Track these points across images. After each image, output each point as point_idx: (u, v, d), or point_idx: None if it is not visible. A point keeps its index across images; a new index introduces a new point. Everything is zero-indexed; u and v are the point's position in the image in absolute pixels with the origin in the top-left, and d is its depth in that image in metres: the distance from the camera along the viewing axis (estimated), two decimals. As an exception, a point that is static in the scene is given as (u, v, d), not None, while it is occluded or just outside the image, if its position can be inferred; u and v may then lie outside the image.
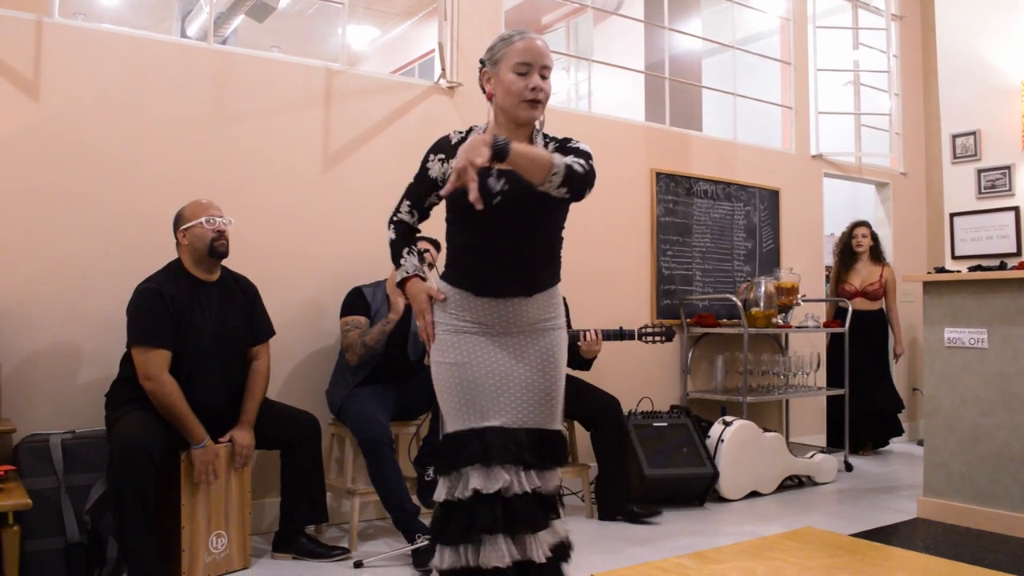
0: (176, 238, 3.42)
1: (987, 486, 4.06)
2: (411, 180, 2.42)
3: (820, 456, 5.25)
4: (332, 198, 4.24)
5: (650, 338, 4.26)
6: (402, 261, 2.39)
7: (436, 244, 4.02)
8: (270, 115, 4.09)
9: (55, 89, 3.58)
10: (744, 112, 6.13)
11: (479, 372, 2.26)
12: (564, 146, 2.34)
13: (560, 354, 2.41)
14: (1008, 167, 4.48)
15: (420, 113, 4.54)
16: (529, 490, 2.18)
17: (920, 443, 6.56)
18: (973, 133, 4.60)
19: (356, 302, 3.92)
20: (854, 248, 6.34)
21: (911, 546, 3.79)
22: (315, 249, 4.18)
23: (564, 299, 4.59)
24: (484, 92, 2.35)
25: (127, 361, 3.28)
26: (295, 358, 4.09)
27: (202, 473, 3.22)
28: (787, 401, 5.98)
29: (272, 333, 3.65)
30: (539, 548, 2.18)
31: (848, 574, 3.35)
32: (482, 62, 2.34)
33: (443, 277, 2.37)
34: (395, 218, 2.44)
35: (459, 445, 2.20)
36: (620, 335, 4.25)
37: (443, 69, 4.65)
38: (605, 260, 5.12)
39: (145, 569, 2.99)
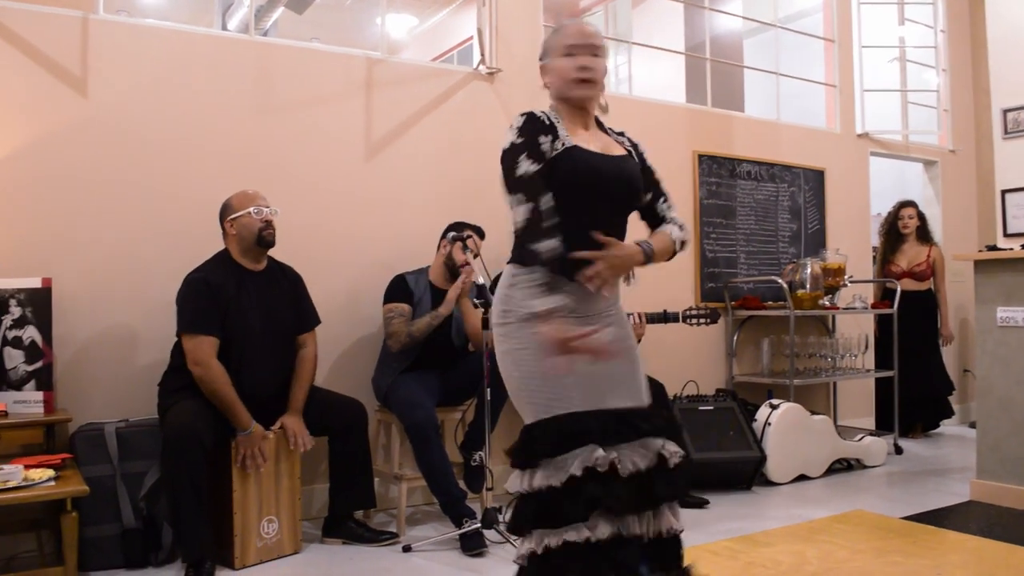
0: (223, 228, 3.47)
1: (1043, 468, 3.98)
2: (513, 141, 2.16)
3: (869, 439, 5.18)
4: (375, 186, 4.27)
5: (695, 320, 4.24)
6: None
7: (480, 231, 4.02)
8: (312, 105, 4.12)
9: (102, 84, 3.64)
10: (787, 91, 6.04)
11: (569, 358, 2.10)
12: (643, 162, 2.44)
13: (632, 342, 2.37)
14: (1062, 141, 4.36)
15: (460, 100, 4.54)
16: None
17: (971, 425, 6.45)
18: (1025, 107, 4.49)
19: (399, 289, 3.94)
20: (900, 229, 6.23)
21: (964, 529, 3.72)
22: (358, 237, 4.21)
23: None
24: (545, 79, 2.33)
25: (178, 350, 3.34)
26: (340, 346, 4.13)
27: (246, 459, 3.27)
28: (835, 384, 5.90)
29: (318, 321, 3.69)
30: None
31: (900, 557, 3.30)
32: (540, 57, 2.34)
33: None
34: (521, 175, 2.12)
35: (565, 431, 2.11)
36: (664, 318, 4.23)
37: (482, 55, 4.65)
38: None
39: (199, 554, 3.06)
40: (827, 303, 5.43)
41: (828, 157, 6.08)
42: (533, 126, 2.19)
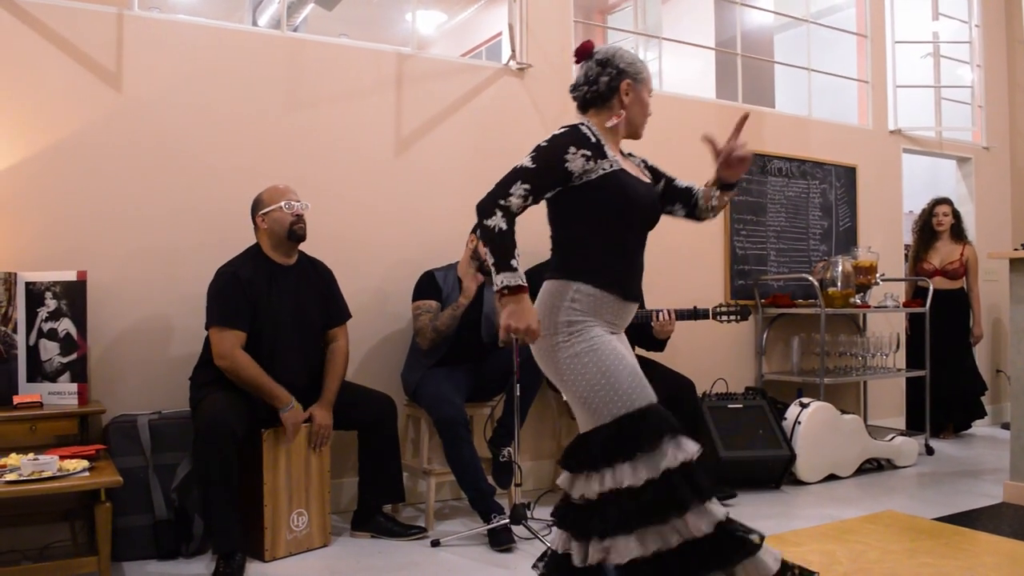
0: (255, 222, 3.49)
1: (1079, 470, 3.92)
2: (523, 164, 2.26)
3: (900, 439, 5.13)
4: (404, 182, 4.28)
5: (724, 317, 4.20)
6: (513, 262, 2.20)
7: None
8: (343, 100, 4.14)
9: (136, 79, 3.68)
10: (819, 87, 5.98)
11: (632, 360, 2.33)
12: (656, 171, 2.64)
13: None
14: (1102, 138, 4.29)
15: (490, 96, 4.54)
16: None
17: (1004, 426, 6.36)
18: (1063, 103, 4.42)
19: (428, 286, 3.95)
20: (935, 227, 6.15)
21: (997, 531, 3.68)
22: (388, 232, 4.22)
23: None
24: (616, 97, 2.43)
25: (208, 343, 3.36)
26: (369, 341, 4.15)
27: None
28: (865, 383, 5.84)
29: (349, 316, 3.71)
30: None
31: (932, 558, 3.27)
32: (621, 71, 2.43)
33: (585, 279, 2.31)
34: (504, 203, 2.22)
35: (653, 420, 2.21)
36: (694, 315, 4.20)
37: (513, 51, 4.64)
38: (678, 240, 5.06)
39: (230, 545, 3.08)
40: (858, 301, 5.38)
41: (860, 154, 6.01)
42: (569, 143, 2.30)
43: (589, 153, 2.30)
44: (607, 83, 2.42)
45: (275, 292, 3.43)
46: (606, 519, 2.13)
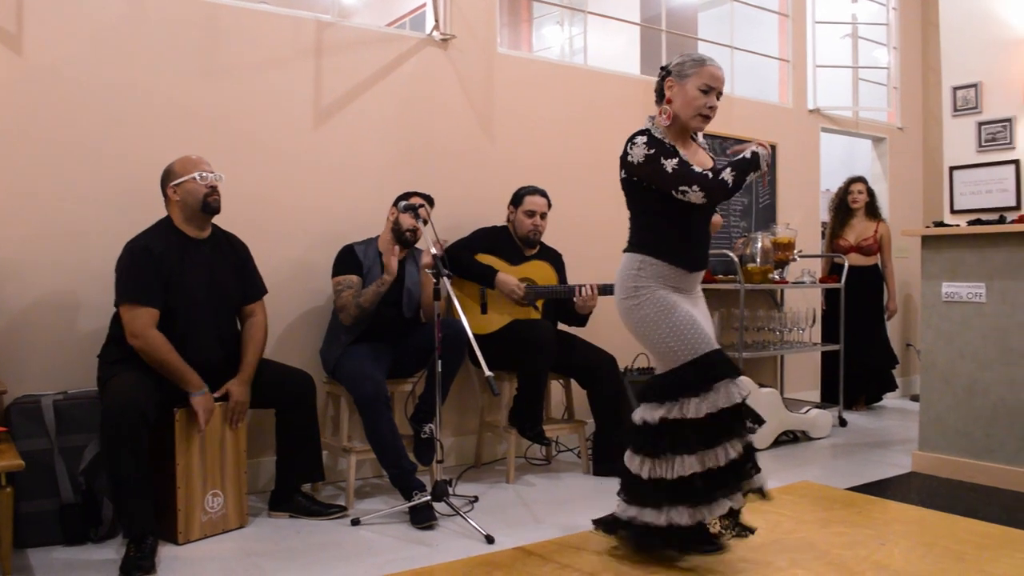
0: (165, 194, 3.36)
1: (982, 440, 4.07)
2: (679, 163, 2.78)
3: (815, 411, 5.26)
4: (324, 154, 4.17)
5: (647, 294, 4.22)
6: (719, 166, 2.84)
7: (430, 200, 3.99)
8: (260, 69, 4.00)
9: (39, 43, 3.48)
10: (741, 65, 6.04)
11: (696, 315, 2.89)
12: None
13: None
14: (1009, 120, 4.43)
15: (413, 66, 4.46)
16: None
17: (913, 398, 6.60)
18: (974, 85, 4.54)
19: (348, 260, 3.87)
20: (850, 204, 6.30)
21: (906, 499, 3.80)
22: (307, 206, 4.12)
23: (560, 255, 4.60)
24: (662, 95, 2.89)
25: (117, 320, 3.23)
26: (287, 318, 4.05)
27: (206, 420, 3.20)
28: (782, 357, 5.97)
29: (265, 291, 3.61)
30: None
31: (844, 527, 3.36)
32: (667, 71, 2.87)
33: (647, 252, 2.88)
34: (686, 189, 2.78)
35: (713, 365, 2.79)
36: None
37: (436, 21, 4.55)
38: (602, 215, 5.07)
39: (141, 529, 2.98)
40: (776, 277, 5.48)
41: (780, 132, 6.11)
42: (661, 144, 2.83)
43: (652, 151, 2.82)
44: (657, 84, 2.92)
45: (188, 266, 3.30)
46: (675, 441, 2.74)
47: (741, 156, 2.81)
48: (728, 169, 2.77)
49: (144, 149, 3.65)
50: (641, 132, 2.88)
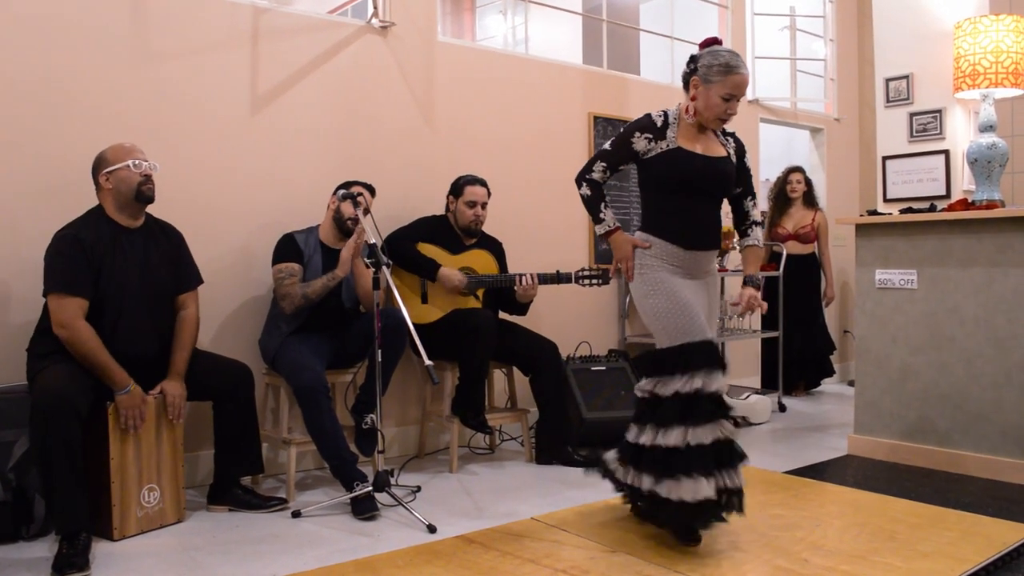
0: (97, 182, 3.27)
1: (915, 423, 4.17)
2: (605, 146, 3.05)
3: (754, 397, 5.34)
4: (261, 142, 4.10)
5: (587, 281, 4.25)
6: (602, 215, 3.07)
7: (371, 189, 3.96)
8: (194, 54, 3.91)
9: (-40, 25, 3.37)
10: (682, 56, 6.08)
11: (690, 300, 2.94)
12: (741, 160, 3.16)
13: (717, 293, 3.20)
14: (939, 111, 4.54)
15: (352, 54, 4.40)
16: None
17: (850, 383, 6.74)
18: (906, 77, 4.65)
19: (289, 248, 3.81)
20: (788, 193, 6.40)
21: (843, 482, 3.89)
22: (245, 195, 4.05)
23: (500, 244, 4.59)
24: (685, 88, 3.01)
25: (47, 312, 3.14)
26: (225, 308, 3.99)
27: (129, 419, 3.13)
28: (723, 344, 6.05)
29: (200, 281, 3.54)
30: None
31: (782, 509, 3.42)
32: (695, 68, 2.95)
33: (652, 231, 3.01)
34: (588, 177, 3.07)
35: (695, 352, 2.84)
36: (557, 279, 4.23)
37: (375, 8, 4.51)
38: (542, 204, 5.08)
39: (74, 526, 2.90)
40: (717, 265, 5.53)
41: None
42: (635, 128, 2.99)
43: (651, 136, 2.97)
44: (685, 74, 3.01)
45: (120, 256, 3.22)
46: (668, 411, 2.84)
47: (601, 232, 3.12)
48: (605, 211, 3.08)
49: (73, 138, 3.55)
50: (660, 112, 3.02)
